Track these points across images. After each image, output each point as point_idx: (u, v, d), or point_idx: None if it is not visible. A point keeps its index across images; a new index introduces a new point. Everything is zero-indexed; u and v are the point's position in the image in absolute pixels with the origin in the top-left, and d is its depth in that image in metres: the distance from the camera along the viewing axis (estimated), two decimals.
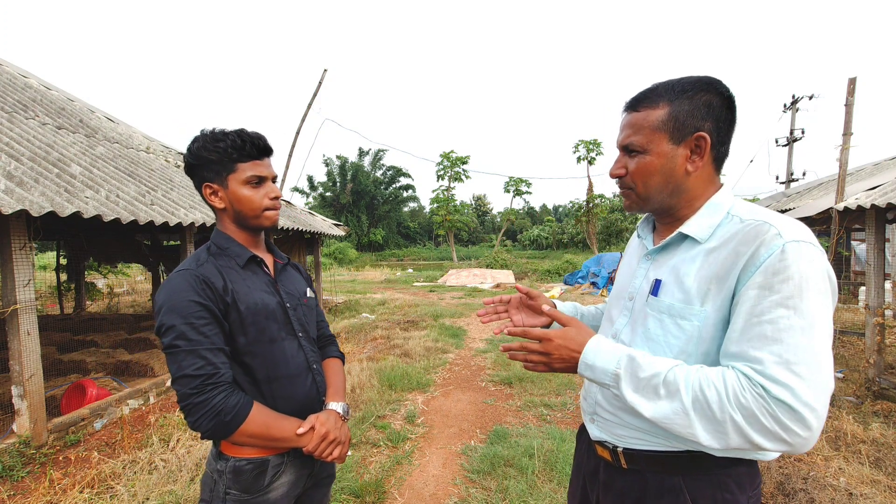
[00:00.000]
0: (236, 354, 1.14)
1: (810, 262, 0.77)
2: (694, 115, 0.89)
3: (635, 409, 0.83)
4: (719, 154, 0.92)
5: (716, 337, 0.86)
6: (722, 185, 0.96)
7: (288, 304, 1.25)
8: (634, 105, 0.95)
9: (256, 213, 1.17)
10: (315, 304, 1.42)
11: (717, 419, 0.76)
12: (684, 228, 0.92)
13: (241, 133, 1.15)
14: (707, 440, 0.77)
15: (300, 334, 1.26)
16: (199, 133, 1.17)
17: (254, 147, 1.16)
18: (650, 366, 0.83)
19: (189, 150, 1.16)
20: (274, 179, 1.22)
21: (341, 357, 1.46)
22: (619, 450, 0.97)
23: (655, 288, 0.94)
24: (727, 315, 0.84)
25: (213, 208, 1.20)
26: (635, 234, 1.14)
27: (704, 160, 0.91)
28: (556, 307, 1.21)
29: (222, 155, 1.13)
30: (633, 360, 0.85)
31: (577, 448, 1.20)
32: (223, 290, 1.11)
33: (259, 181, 1.17)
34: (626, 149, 0.95)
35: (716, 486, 0.88)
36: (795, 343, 0.74)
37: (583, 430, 1.15)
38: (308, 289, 1.40)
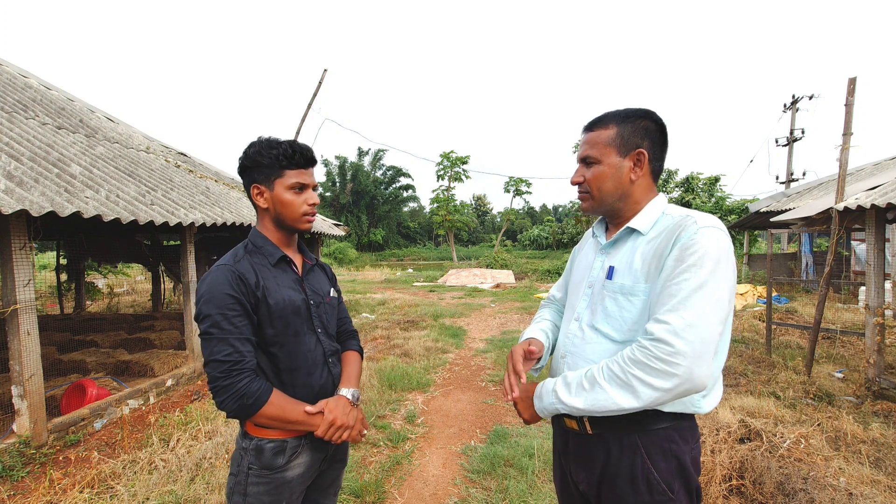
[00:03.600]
0: (264, 345, 1.26)
1: (713, 241, 1.00)
2: (635, 135, 1.14)
3: (573, 407, 1.05)
4: (655, 168, 1.17)
5: None
6: (658, 193, 1.20)
7: (312, 302, 1.36)
8: (590, 127, 1.19)
9: (296, 216, 1.30)
10: (338, 302, 1.54)
11: (624, 381, 0.98)
12: (631, 224, 1.15)
13: (292, 144, 1.28)
14: (626, 402, 0.98)
15: (319, 330, 1.37)
16: (256, 139, 1.30)
17: (302, 157, 1.28)
18: (575, 374, 1.09)
19: (245, 153, 1.29)
20: (315, 188, 1.34)
21: (360, 351, 1.56)
22: (585, 417, 1.12)
23: (610, 273, 1.16)
24: None
25: (257, 207, 1.32)
26: (590, 234, 1.36)
27: (644, 171, 1.15)
28: (533, 342, 1.32)
29: (273, 161, 1.25)
30: (564, 377, 1.11)
31: (553, 430, 1.34)
32: (255, 285, 1.23)
33: (301, 188, 1.29)
34: (585, 161, 1.19)
35: (664, 439, 1.07)
36: (685, 296, 0.96)
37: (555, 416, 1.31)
38: (332, 288, 1.51)
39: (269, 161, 1.25)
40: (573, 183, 1.22)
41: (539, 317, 1.49)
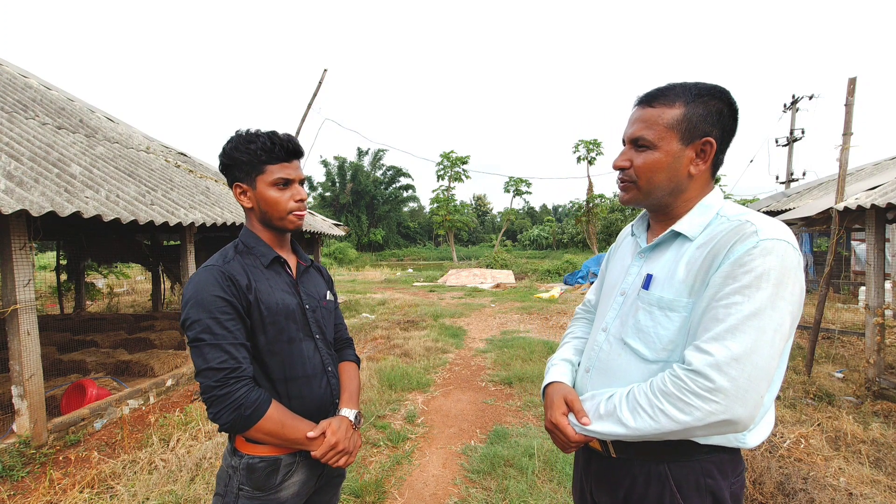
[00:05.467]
0: (256, 353, 1.16)
1: (778, 258, 0.82)
2: (706, 121, 0.93)
3: (590, 431, 0.96)
4: (718, 161, 0.98)
5: None
6: (714, 188, 1.01)
7: (307, 306, 1.27)
8: (650, 101, 0.97)
9: (282, 214, 1.20)
10: (334, 306, 1.44)
11: (650, 415, 0.86)
12: (677, 227, 0.97)
13: (271, 135, 1.17)
14: (645, 429, 0.86)
15: (317, 336, 1.28)
16: (234, 133, 1.20)
17: (282, 150, 1.18)
18: (594, 400, 0.99)
19: (223, 149, 1.20)
20: (302, 182, 1.24)
21: (357, 361, 1.47)
22: (609, 440, 1.00)
23: (647, 282, 0.99)
24: None
25: (243, 207, 1.24)
26: (628, 231, 1.18)
27: (707, 165, 0.96)
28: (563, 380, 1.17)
29: (252, 156, 1.16)
30: (583, 400, 1.02)
31: None
32: (247, 287, 1.14)
33: (286, 183, 1.19)
34: (635, 142, 0.98)
35: (699, 473, 0.93)
36: (735, 323, 0.80)
37: None
38: (328, 291, 1.41)
39: (247, 157, 1.16)
40: (616, 167, 1.02)
41: (569, 334, 1.32)
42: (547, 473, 2.84)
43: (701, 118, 0.93)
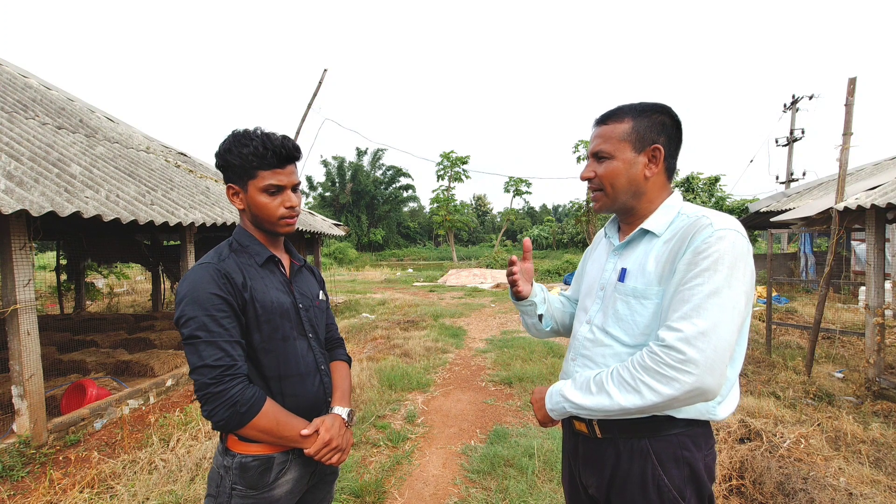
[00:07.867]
0: (251, 351, 1.16)
1: (729, 244, 0.96)
2: (651, 130, 1.09)
3: (578, 405, 1.05)
4: (670, 166, 1.13)
5: None
6: (673, 190, 1.15)
7: (301, 305, 1.28)
8: (604, 120, 1.14)
9: (271, 219, 1.20)
10: (326, 306, 1.45)
11: (633, 387, 0.97)
12: (645, 225, 1.11)
13: (265, 140, 1.14)
14: (629, 402, 0.97)
15: (310, 335, 1.29)
16: (230, 133, 1.18)
17: (275, 156, 1.15)
18: (583, 376, 1.09)
19: (218, 150, 1.19)
20: (295, 187, 1.22)
21: (348, 360, 1.48)
22: (594, 420, 1.11)
23: (622, 275, 1.12)
24: None
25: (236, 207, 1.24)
26: (601, 234, 1.33)
27: (659, 168, 1.11)
28: (532, 286, 1.42)
29: (244, 161, 1.15)
30: (573, 379, 1.11)
31: (563, 433, 1.31)
32: (242, 286, 1.14)
33: (277, 190, 1.18)
34: (597, 155, 1.14)
35: (676, 446, 1.04)
36: (698, 302, 0.93)
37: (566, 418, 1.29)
38: (321, 291, 1.42)
39: (239, 161, 1.14)
40: (583, 178, 1.17)
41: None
42: (547, 473, 2.84)
43: (647, 128, 1.09)
